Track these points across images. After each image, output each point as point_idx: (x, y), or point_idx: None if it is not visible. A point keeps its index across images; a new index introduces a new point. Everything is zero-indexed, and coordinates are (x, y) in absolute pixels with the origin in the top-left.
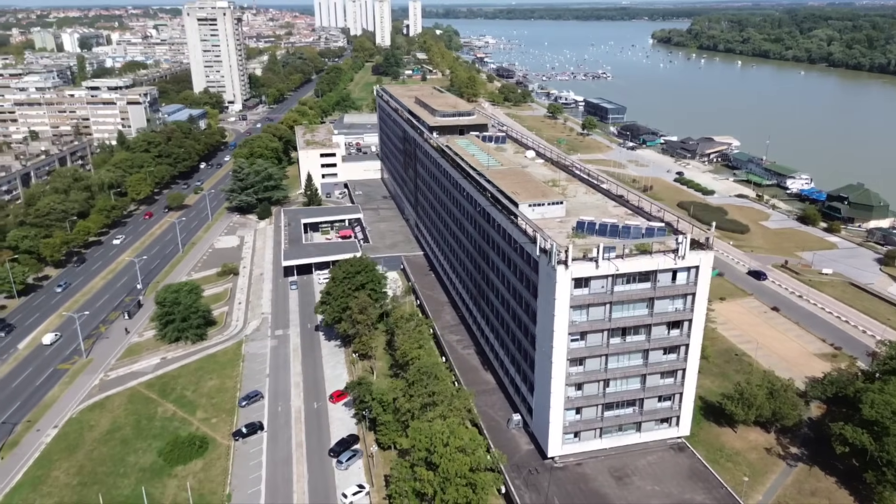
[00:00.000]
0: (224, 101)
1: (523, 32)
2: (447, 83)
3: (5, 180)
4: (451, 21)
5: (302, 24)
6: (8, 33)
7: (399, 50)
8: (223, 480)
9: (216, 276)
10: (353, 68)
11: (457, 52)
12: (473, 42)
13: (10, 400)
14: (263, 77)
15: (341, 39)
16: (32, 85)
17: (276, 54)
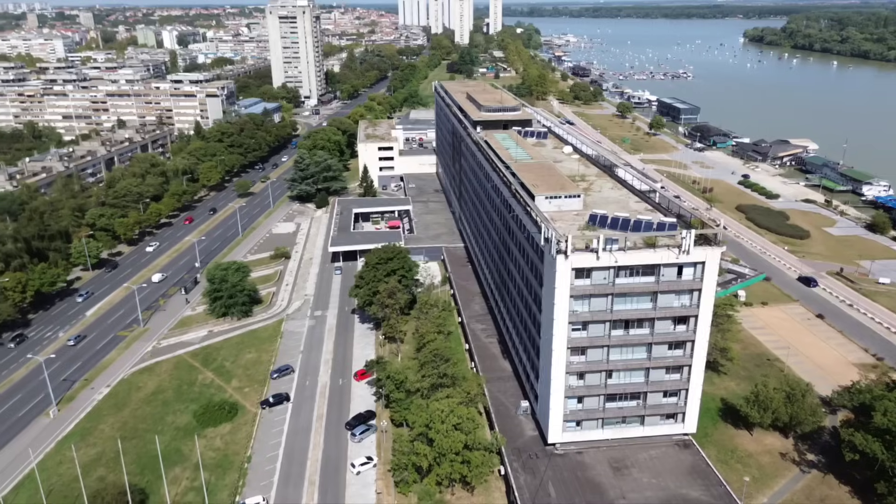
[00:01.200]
0: (300, 95)
1: (607, 31)
2: (519, 81)
3: (91, 164)
4: (535, 19)
5: (386, 23)
6: (115, 30)
7: (477, 48)
8: (246, 444)
9: (269, 258)
10: (429, 66)
11: (535, 51)
12: (554, 41)
13: (73, 360)
14: (340, 73)
15: (421, 37)
16: (123, 78)
17: (353, 52)
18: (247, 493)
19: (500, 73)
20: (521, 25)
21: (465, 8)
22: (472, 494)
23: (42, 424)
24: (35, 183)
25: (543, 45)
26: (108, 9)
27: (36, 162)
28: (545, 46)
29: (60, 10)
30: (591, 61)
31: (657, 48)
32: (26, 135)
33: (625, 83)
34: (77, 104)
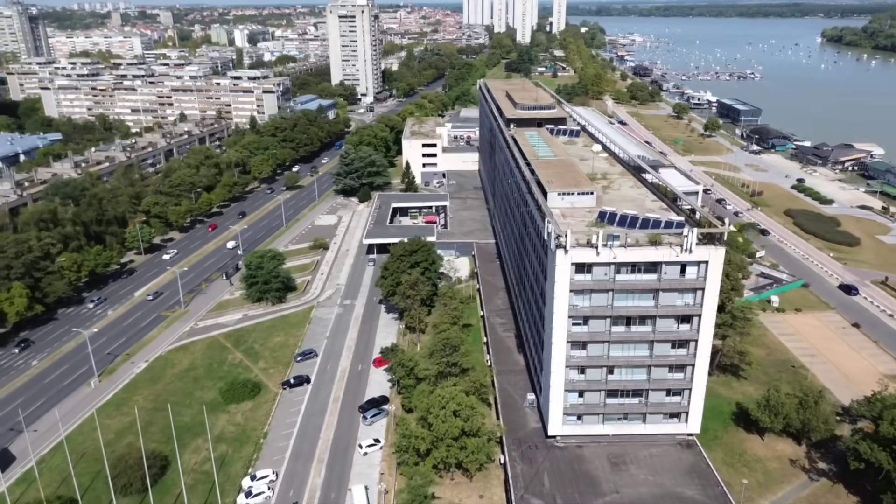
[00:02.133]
0: (357, 93)
1: (676, 30)
2: (576, 80)
3: (151, 154)
4: (602, 18)
5: (451, 22)
6: (191, 29)
7: (538, 47)
8: (264, 421)
9: (308, 248)
10: (487, 65)
11: (597, 50)
12: (619, 40)
13: (118, 336)
14: (397, 72)
15: (483, 37)
16: (188, 74)
17: (413, 50)
18: (259, 465)
19: (557, 72)
20: (587, 24)
21: (528, 7)
22: (470, 481)
23: (83, 393)
24: (98, 171)
25: (607, 45)
26: (187, 8)
27: (101, 152)
28: (609, 46)
29: (143, 10)
30: (654, 61)
31: (727, 48)
32: (98, 126)
33: (687, 84)
34: (144, 98)
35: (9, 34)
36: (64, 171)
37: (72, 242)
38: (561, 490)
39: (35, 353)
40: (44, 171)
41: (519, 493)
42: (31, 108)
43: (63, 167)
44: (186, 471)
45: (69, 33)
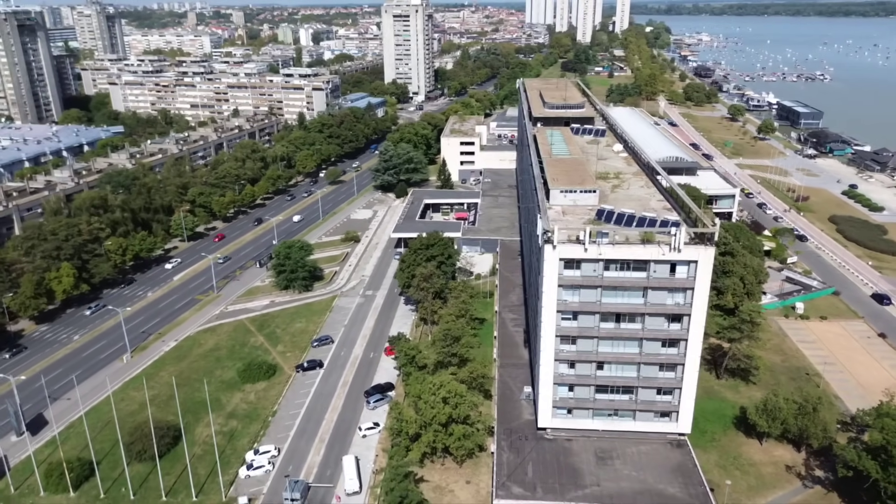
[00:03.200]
0: (409, 92)
1: (747, 29)
2: (632, 80)
3: (202, 147)
4: (672, 18)
5: (514, 21)
6: (260, 28)
7: (598, 46)
8: (275, 400)
9: (340, 241)
10: (544, 64)
11: (660, 50)
12: (684, 40)
13: (154, 316)
14: (450, 71)
15: (543, 36)
16: (243, 72)
17: (468, 50)
18: (264, 441)
19: (614, 72)
20: (653, 24)
21: (590, 6)
22: (460, 467)
23: (116, 367)
24: (150, 162)
25: (672, 45)
26: (259, 8)
27: (156, 144)
28: (673, 45)
29: (218, 10)
30: (718, 61)
31: (799, 48)
32: (159, 120)
33: (750, 85)
34: (203, 94)
35: (87, 32)
36: (119, 162)
37: (120, 228)
38: (543, 480)
39: (77, 328)
40: (102, 161)
41: (501, 479)
42: (101, 103)
43: (119, 158)
44: (198, 442)
45: (145, 32)
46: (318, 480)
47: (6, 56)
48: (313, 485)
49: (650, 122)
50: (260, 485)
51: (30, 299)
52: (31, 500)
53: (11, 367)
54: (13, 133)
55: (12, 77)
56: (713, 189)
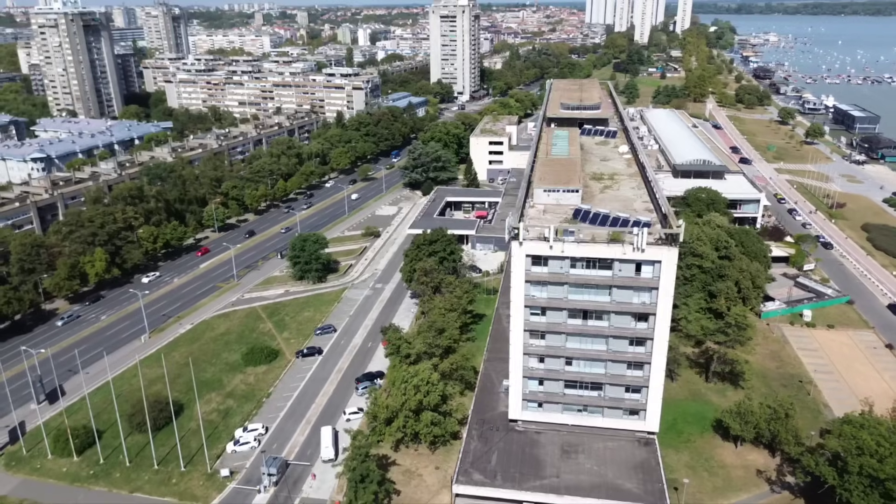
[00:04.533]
0: (453, 91)
1: (820, 29)
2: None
3: (241, 143)
4: (741, 17)
5: (575, 21)
6: (322, 28)
7: (655, 47)
8: (272, 383)
9: (360, 235)
10: (596, 64)
11: (721, 51)
12: (750, 40)
13: (175, 301)
14: (497, 71)
15: (600, 36)
16: (288, 71)
17: (518, 50)
18: (255, 420)
19: (666, 73)
20: (719, 23)
21: (649, 5)
22: (432, 453)
23: (134, 346)
24: (189, 156)
25: (736, 45)
26: (325, 8)
27: (197, 139)
28: (738, 46)
29: (284, 10)
30: (781, 62)
31: (872, 49)
32: (209, 117)
33: (810, 87)
34: (250, 92)
35: (154, 32)
36: (161, 155)
37: (153, 217)
38: (504, 469)
39: (105, 308)
40: (145, 154)
41: (465, 466)
42: (159, 99)
43: (161, 152)
44: (195, 418)
45: (211, 32)
46: (298, 459)
47: (72, 54)
48: (292, 462)
49: (687, 124)
50: (244, 460)
51: (64, 280)
52: (39, 462)
53: (46, 341)
54: (72, 127)
55: (77, 74)
56: (737, 193)
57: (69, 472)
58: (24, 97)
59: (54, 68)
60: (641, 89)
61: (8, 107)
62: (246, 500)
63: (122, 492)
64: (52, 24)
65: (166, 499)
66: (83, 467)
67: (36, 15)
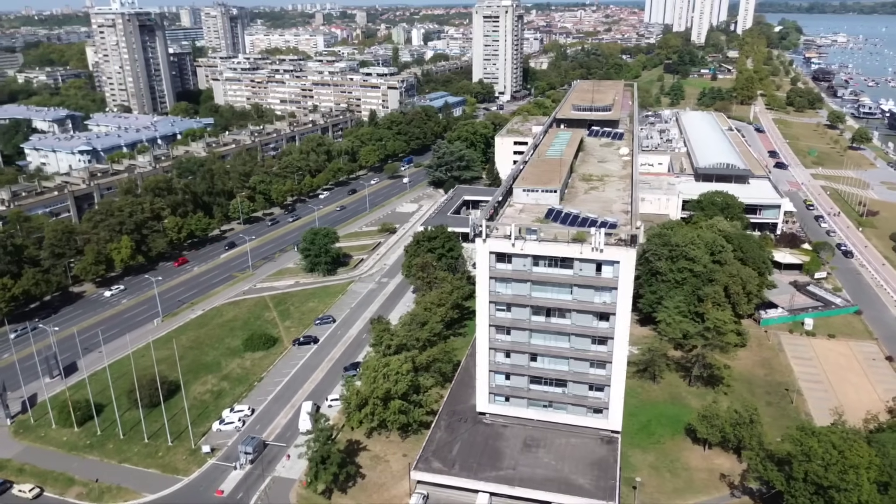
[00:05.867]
0: (494, 91)
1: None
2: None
3: (274, 140)
4: (813, 17)
5: (634, 20)
6: (377, 28)
7: (712, 47)
8: (266, 368)
9: (376, 231)
10: (646, 65)
11: (782, 51)
12: (816, 41)
13: (192, 288)
14: (540, 71)
15: (655, 36)
16: (327, 70)
17: (566, 50)
18: (243, 402)
19: (718, 74)
20: (785, 23)
21: (708, 5)
22: (402, 441)
23: (147, 328)
24: (221, 151)
25: (801, 45)
26: (385, 8)
27: (232, 135)
28: (802, 46)
29: (345, 10)
30: (846, 64)
31: None
32: (252, 114)
33: (872, 90)
34: (290, 90)
35: (213, 32)
36: (195, 150)
37: (180, 208)
38: (464, 458)
39: (128, 293)
40: (181, 148)
41: (426, 454)
42: (208, 97)
43: (196, 146)
44: (190, 397)
45: (268, 31)
46: (277, 440)
47: (128, 53)
48: (270, 443)
49: (722, 127)
50: (227, 438)
51: (91, 265)
52: (43, 431)
53: (69, 321)
54: (121, 122)
55: (132, 72)
56: (757, 198)
57: (68, 442)
58: (84, 93)
59: (111, 66)
60: (688, 91)
61: (68, 101)
62: (222, 475)
63: (112, 462)
64: (109, 23)
65: (150, 470)
66: (81, 438)
67: (96, 15)
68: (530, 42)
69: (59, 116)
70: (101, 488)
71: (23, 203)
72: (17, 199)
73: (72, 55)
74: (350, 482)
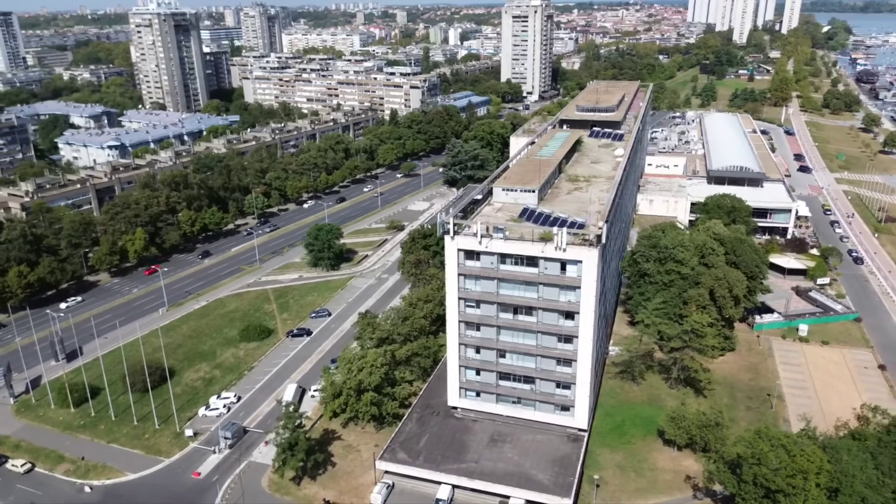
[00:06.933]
0: (522, 91)
1: None
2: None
3: (294, 137)
4: (867, 16)
5: (677, 20)
6: (415, 27)
7: (753, 47)
8: (258, 358)
9: (384, 228)
10: (682, 65)
11: (830, 52)
12: (866, 41)
13: (200, 279)
14: (571, 71)
15: (695, 36)
16: (353, 69)
17: (599, 50)
18: (231, 390)
19: (756, 75)
20: (834, 22)
21: (751, 4)
22: (377, 432)
23: (152, 317)
24: (240, 148)
25: (850, 45)
26: (426, 7)
27: (254, 132)
28: (851, 46)
29: (386, 10)
30: (894, 66)
31: None
32: (279, 112)
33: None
34: (316, 89)
35: (251, 31)
36: (216, 147)
37: (195, 202)
38: (429, 450)
39: (138, 283)
40: (203, 144)
41: (394, 445)
42: (239, 95)
43: (217, 143)
44: (181, 384)
45: (307, 31)
46: (258, 427)
47: (164, 52)
48: (250, 429)
49: (745, 129)
50: (211, 424)
51: (105, 256)
52: (42, 411)
53: (83, 308)
54: (152, 118)
55: (167, 70)
56: (768, 202)
57: (64, 421)
58: (123, 90)
59: (148, 64)
60: (721, 92)
61: (107, 98)
62: (202, 458)
63: (102, 442)
64: (146, 23)
65: (135, 451)
66: (77, 418)
67: (134, 15)
68: (564, 42)
69: (95, 113)
70: (87, 466)
71: (46, 195)
72: (41, 191)
73: (118, 53)
74: (320, 469)
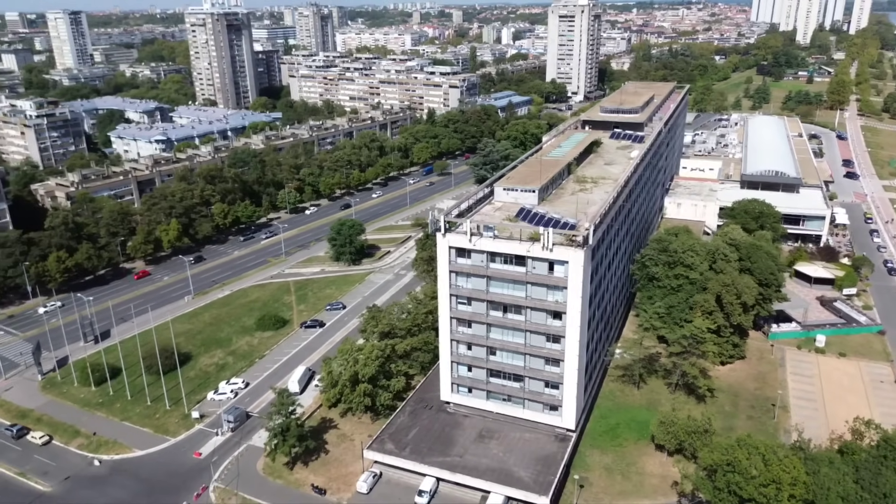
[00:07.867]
0: (567, 91)
1: None
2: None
3: (331, 135)
4: None
5: (740, 19)
6: (470, 26)
7: (817, 48)
8: (270, 347)
9: (409, 225)
10: (738, 66)
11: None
12: None
13: (228, 269)
14: (618, 71)
15: (756, 36)
16: (394, 69)
17: (650, 50)
18: (241, 376)
19: (815, 77)
20: None
21: (815, 3)
22: (372, 423)
23: (177, 304)
24: (277, 144)
25: None
26: (483, 6)
27: (292, 129)
28: None
29: (443, 9)
30: None
31: None
32: (322, 109)
33: None
34: (359, 88)
35: (304, 31)
36: (254, 142)
37: (229, 196)
38: (417, 443)
39: (168, 272)
40: (243, 139)
41: (383, 436)
42: (287, 93)
43: (255, 139)
44: (196, 368)
45: (360, 30)
46: (262, 413)
47: (216, 50)
48: (254, 414)
49: (790, 133)
50: (217, 407)
51: (140, 244)
52: (66, 388)
53: (117, 293)
54: (200, 115)
55: (219, 68)
56: (800, 208)
57: (84, 399)
58: (178, 87)
59: (201, 62)
60: (776, 94)
61: (163, 95)
62: (205, 439)
63: (115, 419)
64: (200, 23)
65: (145, 429)
66: (96, 396)
67: (188, 14)
68: (616, 42)
69: (148, 108)
70: (99, 441)
71: (90, 185)
72: (86, 182)
73: (180, 52)
74: (313, 456)
